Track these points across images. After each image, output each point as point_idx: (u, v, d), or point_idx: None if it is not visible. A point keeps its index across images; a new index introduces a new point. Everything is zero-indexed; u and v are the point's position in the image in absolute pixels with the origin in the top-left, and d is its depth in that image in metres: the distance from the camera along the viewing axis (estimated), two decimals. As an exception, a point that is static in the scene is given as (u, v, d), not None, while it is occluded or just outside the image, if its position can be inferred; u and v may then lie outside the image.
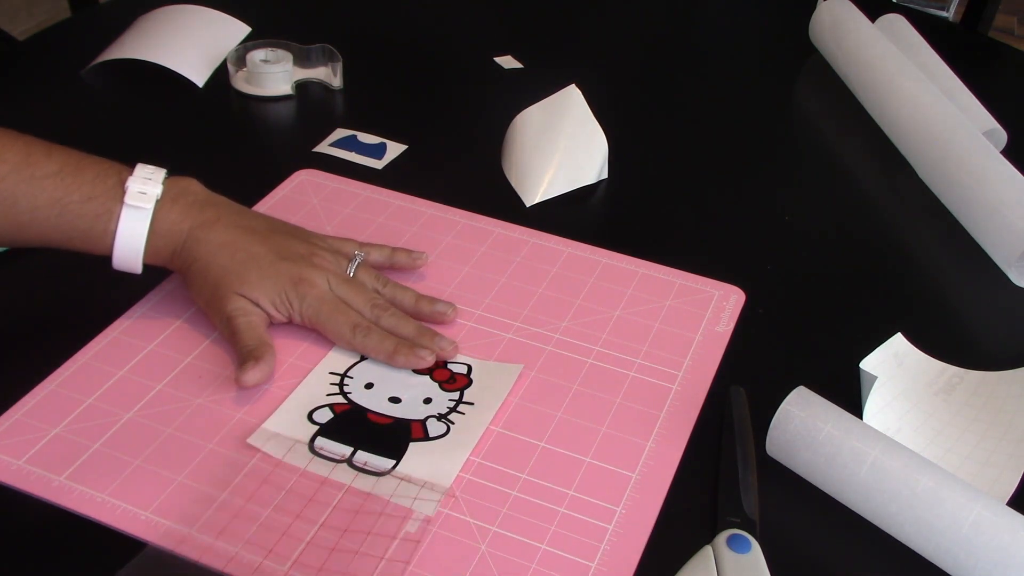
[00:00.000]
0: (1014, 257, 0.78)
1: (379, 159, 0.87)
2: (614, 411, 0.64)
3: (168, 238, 0.65)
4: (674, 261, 0.77)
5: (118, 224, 0.64)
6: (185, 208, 0.66)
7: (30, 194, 0.62)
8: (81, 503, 0.56)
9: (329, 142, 0.89)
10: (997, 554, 0.53)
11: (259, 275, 0.65)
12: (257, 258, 0.66)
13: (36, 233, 0.64)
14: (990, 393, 0.67)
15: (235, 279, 0.65)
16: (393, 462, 0.59)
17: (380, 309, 0.67)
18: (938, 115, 0.88)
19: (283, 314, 0.66)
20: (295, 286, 0.65)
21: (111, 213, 0.63)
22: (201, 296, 0.67)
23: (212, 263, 0.65)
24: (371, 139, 0.90)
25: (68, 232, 0.64)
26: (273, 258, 0.66)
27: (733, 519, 0.56)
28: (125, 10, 1.04)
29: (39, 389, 0.63)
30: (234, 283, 0.65)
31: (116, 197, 0.64)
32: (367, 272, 0.70)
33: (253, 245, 0.66)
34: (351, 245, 0.72)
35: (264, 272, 0.65)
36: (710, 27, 1.17)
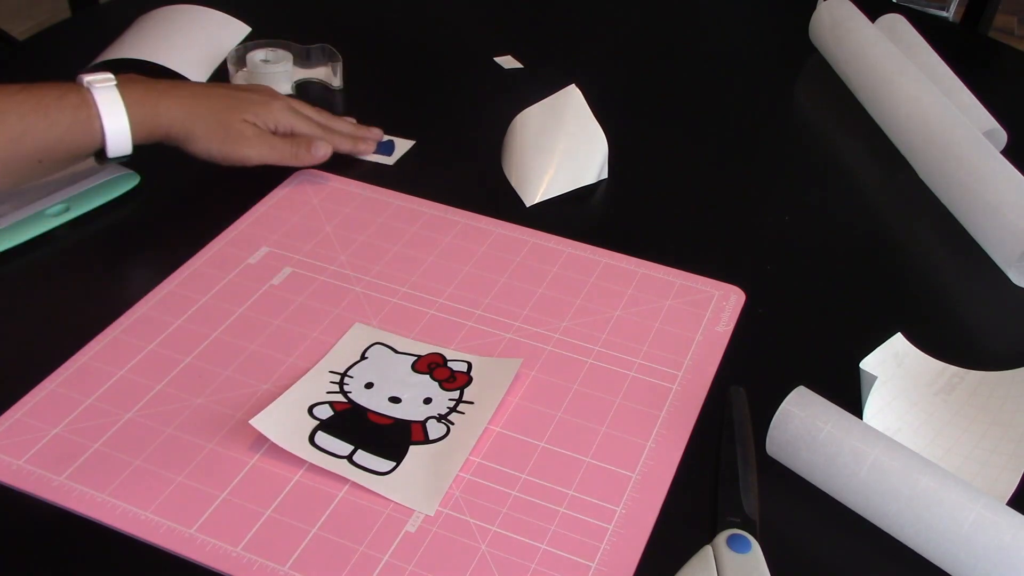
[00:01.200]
0: (1014, 257, 0.78)
1: (389, 156, 0.88)
2: (614, 411, 0.64)
3: (144, 107, 0.75)
4: (674, 261, 0.77)
5: (97, 106, 0.72)
6: (143, 85, 0.76)
7: (12, 107, 0.69)
8: (81, 503, 0.56)
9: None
10: (997, 554, 0.53)
11: (248, 103, 0.80)
12: (233, 95, 0.81)
13: (32, 143, 0.70)
14: (990, 393, 0.67)
15: (235, 112, 0.79)
16: (393, 463, 0.59)
17: (325, 116, 0.88)
18: (938, 115, 0.88)
19: (271, 129, 0.82)
20: (269, 110, 0.82)
21: (85, 101, 0.72)
22: (213, 141, 0.78)
23: (200, 111, 0.78)
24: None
25: (58, 132, 0.71)
26: (243, 94, 0.82)
27: (733, 519, 0.56)
28: (125, 10, 1.04)
29: (39, 389, 0.63)
30: (235, 114, 0.79)
31: (82, 90, 0.73)
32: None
33: (218, 90, 0.82)
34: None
35: (248, 103, 0.81)
36: (710, 27, 1.17)
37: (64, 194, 0.77)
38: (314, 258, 0.75)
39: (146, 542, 0.54)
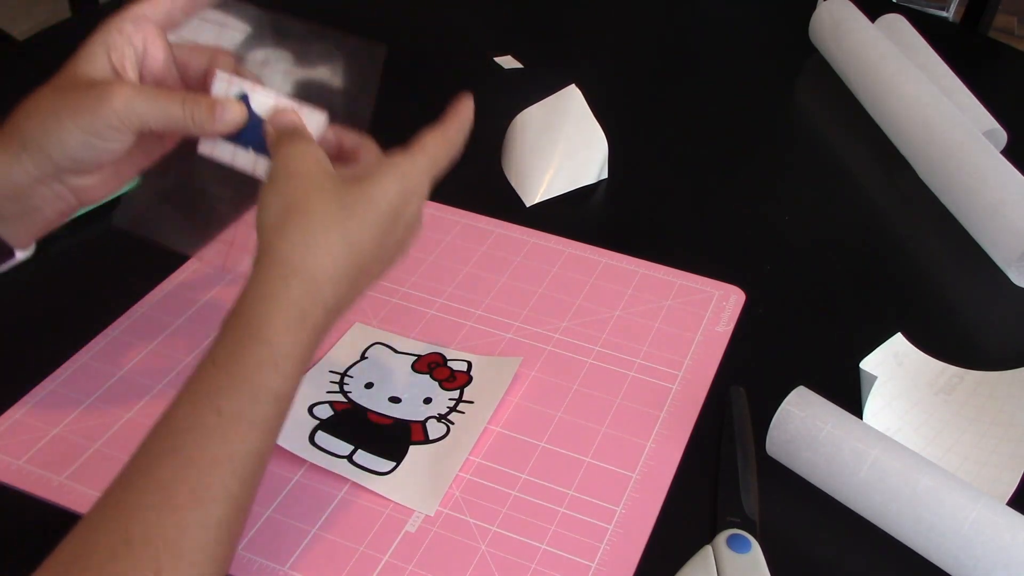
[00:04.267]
0: (1014, 257, 0.78)
1: None
2: (614, 411, 0.64)
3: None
4: (674, 261, 0.77)
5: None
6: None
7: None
8: (81, 503, 0.56)
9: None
10: (997, 554, 0.53)
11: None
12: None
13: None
14: (990, 393, 0.67)
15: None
16: (393, 464, 0.59)
17: None
18: (938, 115, 0.88)
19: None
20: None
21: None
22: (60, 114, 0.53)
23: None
24: None
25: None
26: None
27: (733, 519, 0.56)
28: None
29: (39, 389, 0.63)
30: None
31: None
32: None
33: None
34: None
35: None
36: (710, 27, 1.17)
37: None
38: (314, 258, 0.75)
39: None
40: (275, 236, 0.49)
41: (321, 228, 0.50)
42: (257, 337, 0.47)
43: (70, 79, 0.54)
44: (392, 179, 0.53)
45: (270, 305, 0.48)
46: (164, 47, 0.57)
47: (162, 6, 0.57)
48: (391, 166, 0.53)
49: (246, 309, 0.48)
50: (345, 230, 0.50)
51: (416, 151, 0.55)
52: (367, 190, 0.52)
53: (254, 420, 0.46)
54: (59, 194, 0.55)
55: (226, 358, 0.47)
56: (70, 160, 0.53)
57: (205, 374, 0.47)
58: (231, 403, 0.46)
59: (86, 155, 0.53)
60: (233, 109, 0.55)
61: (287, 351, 0.48)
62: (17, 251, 0.56)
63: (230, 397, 0.46)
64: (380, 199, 0.52)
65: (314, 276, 0.49)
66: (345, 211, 0.50)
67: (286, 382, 0.48)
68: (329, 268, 0.49)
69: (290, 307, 0.48)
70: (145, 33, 0.55)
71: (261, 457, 0.47)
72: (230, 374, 0.47)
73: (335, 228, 0.50)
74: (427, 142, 0.56)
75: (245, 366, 0.47)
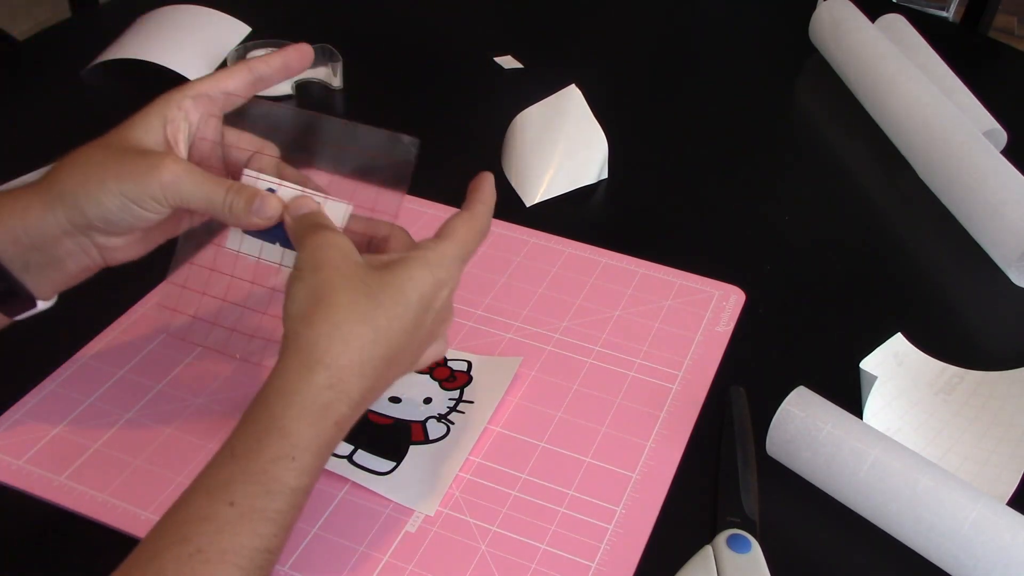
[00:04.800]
0: (1014, 257, 0.78)
1: None
2: (614, 411, 0.64)
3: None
4: (674, 261, 0.77)
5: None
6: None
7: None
8: (81, 503, 0.56)
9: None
10: (997, 554, 0.53)
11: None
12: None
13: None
14: (990, 393, 0.67)
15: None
16: (393, 464, 0.59)
17: None
18: (938, 115, 0.88)
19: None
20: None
21: None
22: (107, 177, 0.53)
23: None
24: None
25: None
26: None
27: (733, 519, 0.56)
28: (125, 10, 1.04)
29: (39, 389, 0.63)
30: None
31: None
32: None
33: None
34: None
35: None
36: (710, 27, 1.17)
37: None
38: (314, 258, 0.75)
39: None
40: (301, 325, 0.48)
41: (348, 319, 0.48)
42: (276, 429, 0.46)
43: (121, 141, 0.54)
44: (422, 269, 0.51)
45: (291, 397, 0.47)
46: (216, 128, 0.57)
47: (224, 88, 0.57)
48: (421, 255, 0.52)
49: (268, 399, 0.47)
50: (373, 322, 0.49)
51: (446, 239, 0.53)
52: (396, 280, 0.50)
53: (268, 514, 0.45)
54: (85, 249, 0.55)
55: (244, 450, 0.46)
56: (103, 221, 0.53)
57: (222, 464, 0.46)
58: (245, 496, 0.45)
59: (121, 219, 0.53)
60: (270, 204, 0.54)
61: (306, 444, 0.46)
62: (39, 301, 0.56)
63: (244, 490, 0.45)
64: (410, 290, 0.50)
65: (339, 368, 0.48)
66: (373, 301, 0.49)
67: (303, 476, 0.46)
68: (355, 360, 0.48)
69: (312, 399, 0.47)
70: (202, 111, 0.56)
71: (271, 553, 0.45)
72: (246, 466, 0.46)
73: (363, 319, 0.48)
74: (457, 228, 0.54)
75: (262, 458, 0.46)
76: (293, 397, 0.47)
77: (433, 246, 0.53)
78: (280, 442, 0.46)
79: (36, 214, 0.53)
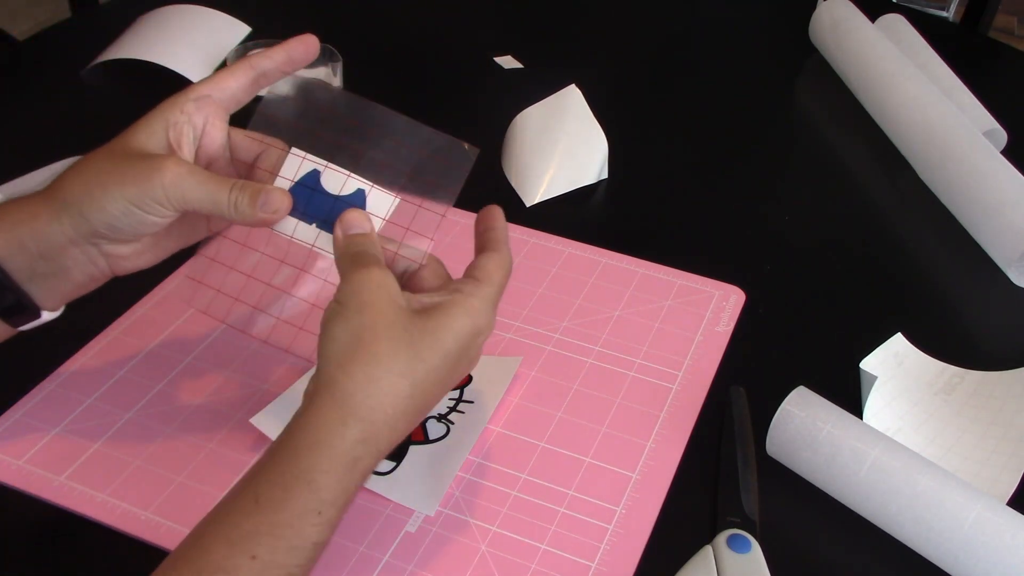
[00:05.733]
0: (1014, 257, 0.78)
1: None
2: (614, 411, 0.64)
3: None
4: (674, 261, 0.77)
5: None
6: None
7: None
8: (81, 503, 0.56)
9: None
10: (997, 554, 0.53)
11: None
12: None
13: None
14: (990, 393, 0.67)
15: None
16: (393, 464, 0.59)
17: None
18: (938, 115, 0.88)
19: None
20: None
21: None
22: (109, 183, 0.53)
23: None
24: None
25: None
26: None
27: (733, 519, 0.56)
28: (125, 10, 1.04)
29: (39, 389, 0.63)
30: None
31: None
32: None
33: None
34: None
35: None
36: (710, 27, 1.17)
37: None
38: (314, 258, 0.75)
39: (146, 542, 0.54)
40: (339, 372, 0.47)
41: (387, 370, 0.47)
42: (306, 482, 0.45)
43: (124, 147, 0.54)
44: (464, 318, 0.50)
45: (325, 450, 0.46)
46: (222, 129, 0.56)
47: (226, 88, 0.56)
48: (463, 302, 0.51)
49: (298, 449, 0.46)
50: (412, 375, 0.48)
51: (484, 283, 0.52)
52: (439, 330, 0.49)
53: (288, 570, 0.44)
54: (92, 259, 0.54)
55: (269, 499, 0.45)
56: (108, 227, 0.53)
57: (246, 512, 0.45)
58: (268, 551, 0.44)
59: (125, 224, 0.53)
60: (276, 198, 0.53)
61: (333, 498, 0.46)
62: (44, 312, 0.55)
63: (269, 544, 0.44)
64: (451, 341, 0.49)
65: (373, 421, 0.47)
66: (413, 350, 0.48)
67: (326, 530, 0.46)
68: (389, 412, 0.47)
69: (343, 453, 0.46)
70: (206, 113, 0.55)
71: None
72: (272, 519, 0.45)
73: (402, 373, 0.48)
74: (492, 272, 0.53)
75: (289, 513, 0.45)
76: (325, 450, 0.46)
77: (474, 291, 0.52)
78: (308, 496, 0.45)
79: (43, 222, 0.52)
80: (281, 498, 0.45)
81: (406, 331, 0.48)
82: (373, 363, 0.47)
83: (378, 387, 0.47)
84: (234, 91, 0.57)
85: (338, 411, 0.46)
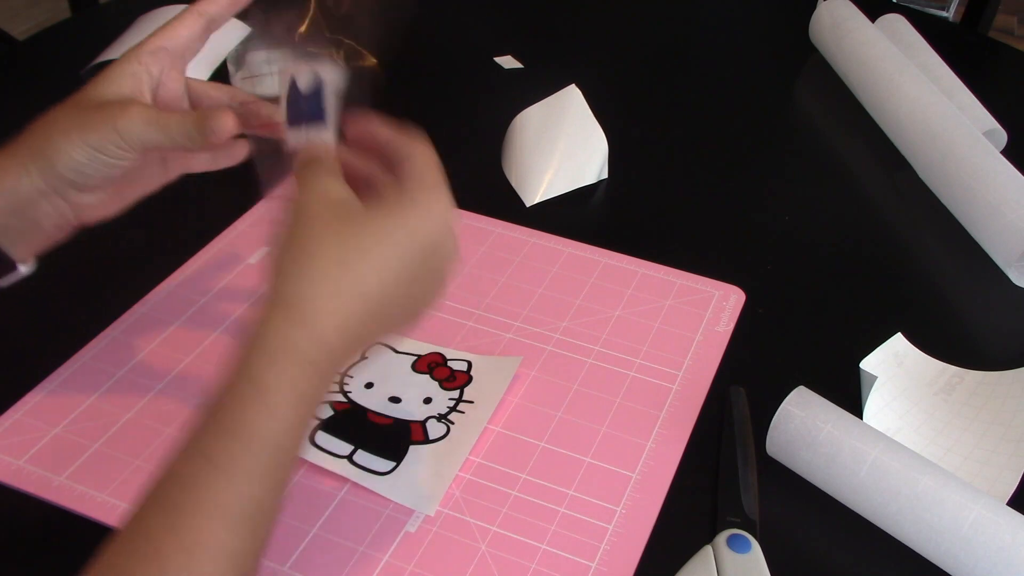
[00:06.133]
0: (1014, 257, 0.78)
1: None
2: (614, 411, 0.64)
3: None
4: (674, 261, 0.77)
5: None
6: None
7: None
8: (81, 503, 0.56)
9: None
10: (997, 554, 0.53)
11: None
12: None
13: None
14: (990, 393, 0.67)
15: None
16: (393, 464, 0.59)
17: None
18: (938, 115, 0.88)
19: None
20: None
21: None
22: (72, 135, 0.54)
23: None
24: None
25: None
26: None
27: (733, 519, 0.56)
28: (125, 10, 1.04)
29: (39, 389, 0.63)
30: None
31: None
32: None
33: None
34: None
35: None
36: (710, 27, 1.17)
37: None
38: (314, 258, 0.75)
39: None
40: (274, 275, 0.47)
41: (321, 258, 0.47)
42: (243, 374, 0.45)
43: (86, 98, 0.56)
44: (411, 211, 0.49)
45: (257, 341, 0.45)
46: (178, 79, 0.59)
47: (179, 37, 0.58)
48: (409, 198, 0.50)
49: (239, 350, 0.46)
50: (351, 262, 0.47)
51: (420, 184, 0.51)
52: (377, 219, 0.49)
53: (247, 468, 0.43)
54: (60, 210, 0.55)
55: (215, 400, 0.45)
56: (75, 173, 0.54)
57: (198, 418, 0.45)
58: (219, 448, 0.43)
59: (91, 170, 0.54)
60: (219, 119, 0.54)
61: (276, 386, 0.44)
62: (20, 265, 0.56)
63: (217, 441, 0.43)
64: (398, 233, 0.48)
65: (312, 311, 0.46)
66: (351, 240, 0.47)
67: (280, 426, 0.44)
68: (330, 305, 0.46)
69: (277, 340, 0.45)
70: (162, 64, 0.57)
71: (262, 509, 0.43)
72: (217, 417, 0.44)
73: (339, 259, 0.47)
74: (423, 166, 0.53)
75: (232, 408, 0.44)
76: (258, 341, 0.45)
77: (416, 189, 0.51)
78: (247, 387, 0.44)
79: (12, 177, 0.54)
80: (225, 397, 0.44)
81: (339, 221, 0.48)
82: (304, 257, 0.47)
83: (311, 277, 0.46)
84: (186, 39, 0.58)
85: (271, 306, 0.46)
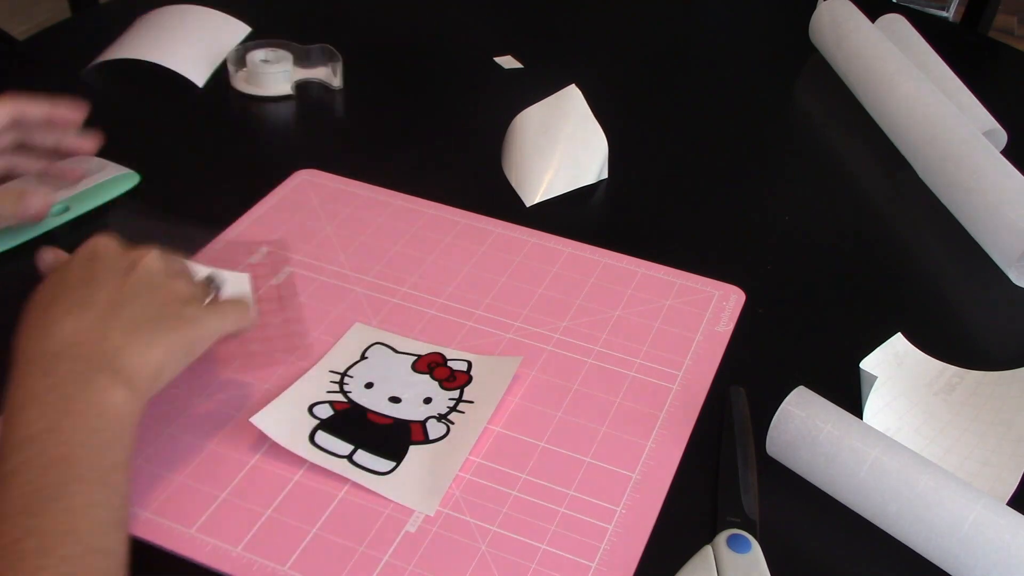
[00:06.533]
0: (1014, 257, 0.78)
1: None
2: (614, 411, 0.64)
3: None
4: (674, 261, 0.77)
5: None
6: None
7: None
8: (81, 503, 0.56)
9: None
10: (997, 554, 0.53)
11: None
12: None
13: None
14: (990, 393, 0.67)
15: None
16: (393, 464, 0.59)
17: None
18: (938, 115, 0.88)
19: None
20: None
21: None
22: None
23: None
24: None
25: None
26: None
27: (733, 519, 0.56)
28: (125, 10, 1.04)
29: (39, 389, 0.63)
30: None
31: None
32: None
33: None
34: None
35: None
36: (710, 27, 1.17)
37: (64, 194, 0.77)
38: (314, 258, 0.75)
39: (146, 542, 0.54)
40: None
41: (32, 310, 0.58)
42: (9, 413, 0.51)
43: None
44: None
45: (15, 381, 0.53)
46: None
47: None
48: None
49: None
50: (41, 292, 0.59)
51: None
52: None
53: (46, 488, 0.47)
54: None
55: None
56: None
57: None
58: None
59: None
60: (33, 199, 0.70)
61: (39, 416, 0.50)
62: None
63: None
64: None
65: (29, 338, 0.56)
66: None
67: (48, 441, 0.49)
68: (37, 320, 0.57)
69: (36, 372, 0.53)
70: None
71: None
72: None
73: (37, 301, 0.58)
74: None
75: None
76: (15, 380, 0.52)
77: None
78: (17, 424, 0.50)
79: None
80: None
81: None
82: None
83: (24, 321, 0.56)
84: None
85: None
